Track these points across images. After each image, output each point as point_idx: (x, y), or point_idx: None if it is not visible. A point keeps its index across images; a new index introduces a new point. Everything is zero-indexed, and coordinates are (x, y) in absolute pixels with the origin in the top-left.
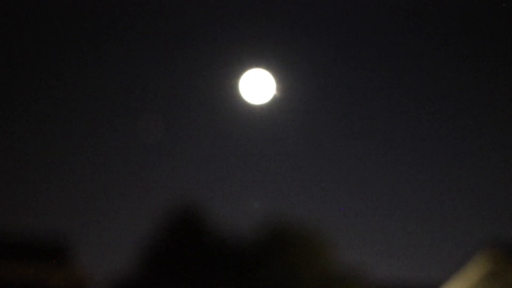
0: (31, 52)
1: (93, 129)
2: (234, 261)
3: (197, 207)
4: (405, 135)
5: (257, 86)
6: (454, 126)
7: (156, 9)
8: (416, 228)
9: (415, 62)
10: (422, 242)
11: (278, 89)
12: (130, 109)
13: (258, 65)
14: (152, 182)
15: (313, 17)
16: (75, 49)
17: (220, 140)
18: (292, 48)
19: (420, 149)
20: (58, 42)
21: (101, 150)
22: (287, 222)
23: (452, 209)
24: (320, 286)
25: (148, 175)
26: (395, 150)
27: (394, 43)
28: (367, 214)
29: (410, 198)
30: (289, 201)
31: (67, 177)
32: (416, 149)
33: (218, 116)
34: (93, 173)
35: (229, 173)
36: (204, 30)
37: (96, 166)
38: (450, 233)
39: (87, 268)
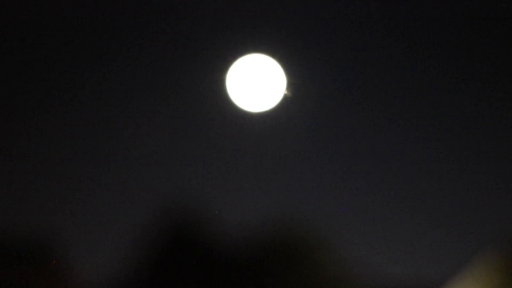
0: (31, 52)
1: (81, 129)
2: (234, 262)
3: (197, 207)
4: (410, 133)
5: (257, 84)
6: (461, 124)
7: None
8: (418, 228)
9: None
10: (425, 241)
11: (290, 87)
12: (121, 107)
13: (257, 49)
14: (150, 182)
15: None
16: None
17: (215, 143)
18: (315, 21)
19: (425, 147)
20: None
21: (95, 150)
22: (288, 223)
23: (457, 208)
24: (322, 286)
25: (147, 174)
26: (400, 149)
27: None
28: (369, 214)
29: (413, 198)
30: (291, 202)
31: (63, 176)
32: (420, 147)
33: (205, 122)
34: (87, 174)
35: (229, 173)
36: None
37: (90, 166)
38: (454, 232)
39: (82, 270)
